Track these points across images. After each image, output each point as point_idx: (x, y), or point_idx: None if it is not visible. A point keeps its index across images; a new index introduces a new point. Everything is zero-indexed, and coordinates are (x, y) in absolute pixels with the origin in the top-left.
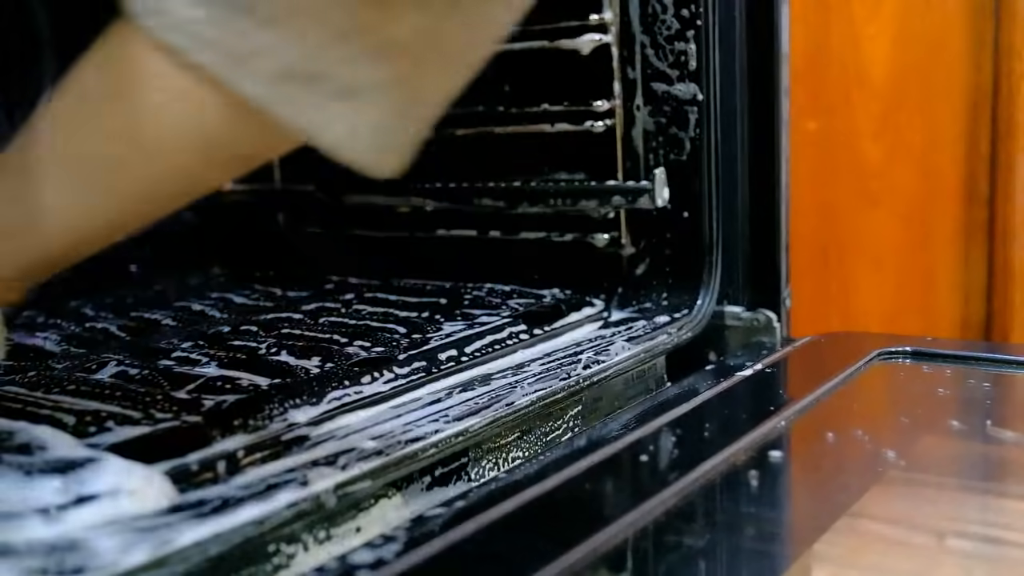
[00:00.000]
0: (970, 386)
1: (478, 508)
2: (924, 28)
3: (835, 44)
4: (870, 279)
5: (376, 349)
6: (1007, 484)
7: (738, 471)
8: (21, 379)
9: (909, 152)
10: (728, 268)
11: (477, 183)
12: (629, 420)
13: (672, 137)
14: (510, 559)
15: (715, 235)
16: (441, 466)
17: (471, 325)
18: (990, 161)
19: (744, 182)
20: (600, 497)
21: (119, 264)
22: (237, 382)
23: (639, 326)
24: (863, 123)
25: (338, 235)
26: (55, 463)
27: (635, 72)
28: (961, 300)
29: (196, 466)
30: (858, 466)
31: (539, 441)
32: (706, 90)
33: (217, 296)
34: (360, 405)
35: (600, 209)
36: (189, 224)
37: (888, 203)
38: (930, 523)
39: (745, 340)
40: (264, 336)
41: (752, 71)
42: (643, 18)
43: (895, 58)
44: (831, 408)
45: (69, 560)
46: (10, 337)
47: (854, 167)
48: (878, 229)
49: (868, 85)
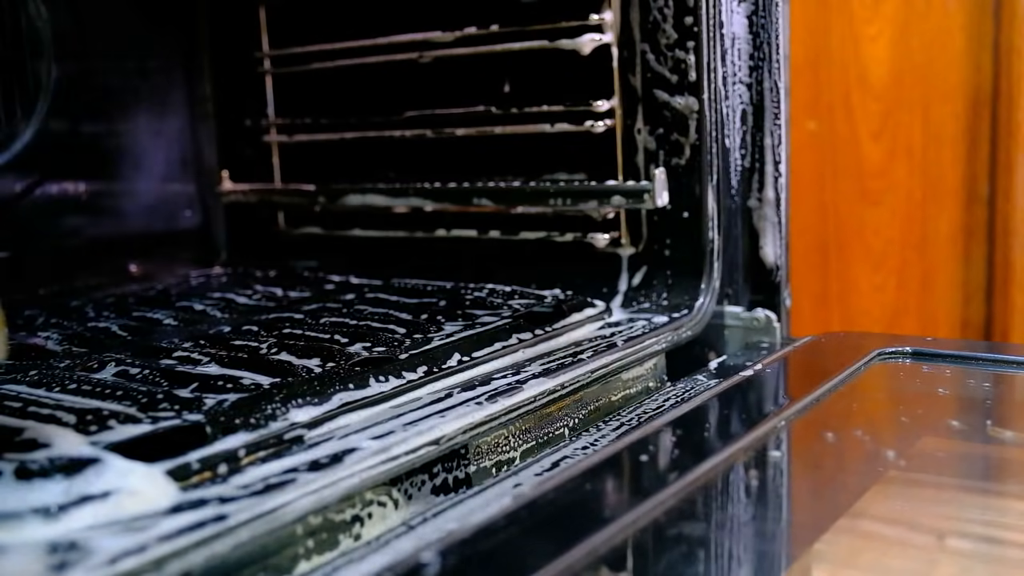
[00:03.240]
0: (970, 386)
1: (478, 508)
2: (924, 28)
3: (835, 44)
4: (870, 279)
5: (377, 349)
6: (1007, 484)
7: (738, 471)
8: (22, 378)
9: (909, 152)
10: (728, 268)
11: (477, 183)
12: (629, 420)
13: (672, 139)
14: (510, 559)
15: (715, 235)
16: (442, 466)
17: (472, 325)
18: (990, 161)
19: (744, 182)
20: (600, 497)
21: (120, 264)
22: (239, 381)
23: (639, 326)
24: (863, 123)
25: (338, 235)
26: (56, 462)
27: (636, 73)
28: (961, 300)
29: (197, 465)
30: (858, 466)
31: (539, 441)
32: (706, 95)
33: (218, 296)
34: (361, 405)
35: (600, 209)
36: (190, 224)
37: (888, 203)
38: (930, 523)
39: (745, 340)
40: (265, 336)
41: (752, 72)
42: (643, 25)
43: (895, 58)
44: (831, 408)
45: (69, 560)
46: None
47: (854, 167)
48: (878, 229)
49: (868, 85)
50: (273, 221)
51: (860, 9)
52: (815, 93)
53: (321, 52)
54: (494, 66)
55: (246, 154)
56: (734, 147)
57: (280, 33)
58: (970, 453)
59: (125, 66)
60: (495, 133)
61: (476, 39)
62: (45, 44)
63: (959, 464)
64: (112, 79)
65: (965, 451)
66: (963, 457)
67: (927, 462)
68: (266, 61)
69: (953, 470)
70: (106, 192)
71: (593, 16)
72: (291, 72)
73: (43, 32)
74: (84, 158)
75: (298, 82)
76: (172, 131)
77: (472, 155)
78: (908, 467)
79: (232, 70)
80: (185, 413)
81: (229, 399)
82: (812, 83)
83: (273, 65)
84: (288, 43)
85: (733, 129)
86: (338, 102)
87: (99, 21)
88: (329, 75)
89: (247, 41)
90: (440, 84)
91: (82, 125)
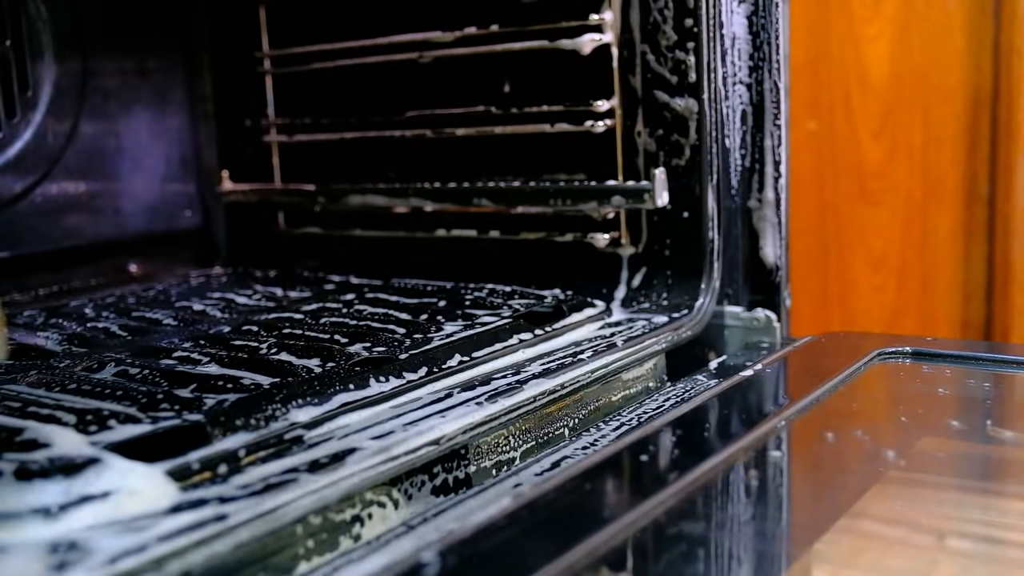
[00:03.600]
0: (970, 386)
1: (478, 508)
2: (924, 28)
3: (835, 44)
4: (870, 279)
5: (377, 349)
6: (1007, 484)
7: (738, 471)
8: (22, 378)
9: (909, 152)
10: (728, 268)
11: (477, 183)
12: (629, 420)
13: (672, 139)
14: (510, 559)
15: (715, 235)
16: (442, 466)
17: (472, 325)
18: (990, 161)
19: (744, 182)
20: (600, 497)
21: (120, 264)
22: (239, 381)
23: (639, 326)
24: (863, 123)
25: (338, 235)
26: (56, 462)
27: (636, 74)
28: (961, 300)
29: (197, 465)
30: (858, 466)
31: (539, 441)
32: (706, 95)
33: (218, 296)
34: (361, 405)
35: (600, 209)
36: (190, 224)
37: (888, 203)
38: (930, 523)
39: (745, 340)
40: (265, 336)
41: (752, 73)
42: (643, 26)
43: (895, 58)
44: (831, 408)
45: (69, 560)
46: (12, 337)
47: (854, 167)
48: (878, 229)
49: (868, 85)
50: (273, 221)
51: (860, 9)
52: (815, 93)
53: (321, 52)
54: (494, 66)
55: (246, 154)
56: (734, 147)
57: (280, 33)
58: (970, 453)
59: (125, 66)
60: (495, 133)
61: (476, 39)
62: (45, 44)
63: (959, 464)
64: (112, 79)
65: (965, 451)
66: (963, 457)
67: (927, 462)
68: (266, 61)
69: (953, 470)
70: (106, 192)
71: (593, 16)
72: (291, 72)
73: (43, 32)
74: (84, 158)
75: (298, 82)
76: (172, 131)
77: (472, 155)
78: (908, 467)
79: (232, 70)
80: (185, 413)
81: (229, 399)
82: (812, 83)
83: (273, 65)
84: (288, 43)
85: (733, 129)
86: (338, 102)
87: (99, 21)
88: (329, 75)
89: (247, 41)
90: (440, 84)
91: (82, 125)
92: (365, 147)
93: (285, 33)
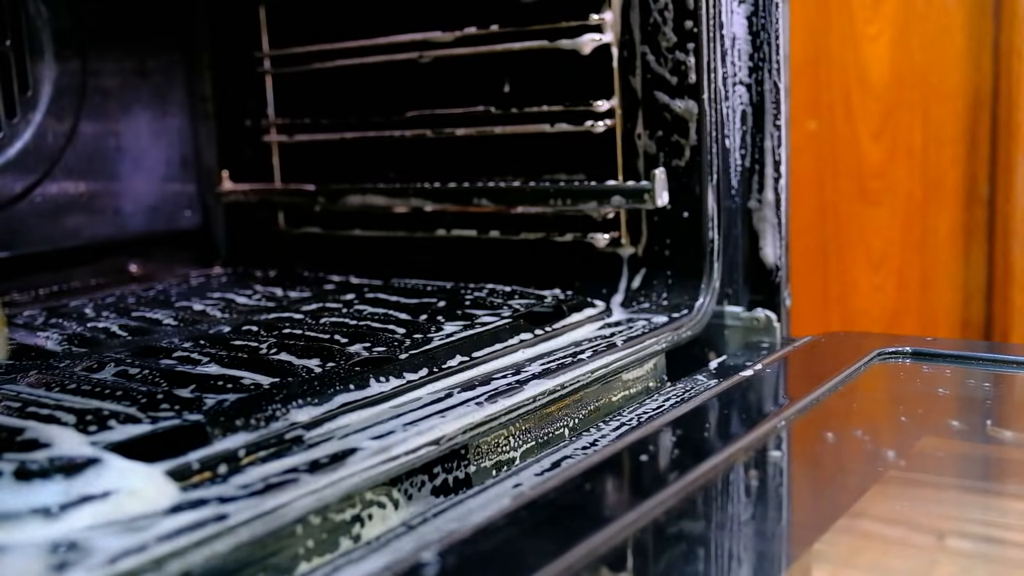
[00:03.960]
0: (970, 386)
1: (478, 508)
2: (924, 28)
3: (835, 44)
4: (870, 279)
5: (377, 349)
6: (1007, 484)
7: (738, 471)
8: (22, 378)
9: (909, 152)
10: (728, 268)
11: (477, 183)
12: (629, 420)
13: (672, 140)
14: (510, 559)
15: (715, 235)
16: (442, 466)
17: (472, 325)
18: (990, 161)
19: (744, 182)
20: (600, 497)
21: (120, 264)
22: (239, 381)
23: (639, 326)
24: (863, 123)
25: (338, 235)
26: (56, 462)
27: (636, 74)
28: (961, 300)
29: (197, 465)
30: (858, 466)
31: (539, 441)
32: (706, 96)
33: (218, 296)
34: (361, 405)
35: (600, 209)
36: (190, 224)
37: (888, 203)
38: (930, 523)
39: (745, 340)
40: (265, 336)
41: (752, 73)
42: (643, 26)
43: (895, 58)
44: (831, 408)
45: (69, 560)
46: (12, 337)
47: (854, 167)
48: (878, 229)
49: (868, 85)
50: (273, 221)
51: (860, 9)
52: (815, 93)
53: (321, 52)
54: (494, 66)
55: (246, 154)
56: (734, 147)
57: (280, 33)
58: (970, 453)
59: (125, 66)
60: (495, 133)
61: (476, 39)
62: (45, 44)
63: (959, 464)
64: (112, 79)
65: (965, 451)
66: (963, 457)
67: (927, 462)
68: (266, 61)
69: (953, 470)
70: (106, 192)
71: (593, 16)
72: (291, 72)
73: (43, 32)
74: (84, 158)
75: (298, 82)
76: (172, 131)
77: (472, 155)
78: (908, 467)
79: (232, 70)
80: (185, 413)
81: (229, 399)
82: (812, 83)
83: (273, 65)
84: (288, 43)
85: (733, 130)
86: (338, 102)
87: (99, 21)
88: (329, 75)
89: (247, 41)
90: (440, 84)
91: (82, 125)
92: (365, 147)
93: (285, 33)
